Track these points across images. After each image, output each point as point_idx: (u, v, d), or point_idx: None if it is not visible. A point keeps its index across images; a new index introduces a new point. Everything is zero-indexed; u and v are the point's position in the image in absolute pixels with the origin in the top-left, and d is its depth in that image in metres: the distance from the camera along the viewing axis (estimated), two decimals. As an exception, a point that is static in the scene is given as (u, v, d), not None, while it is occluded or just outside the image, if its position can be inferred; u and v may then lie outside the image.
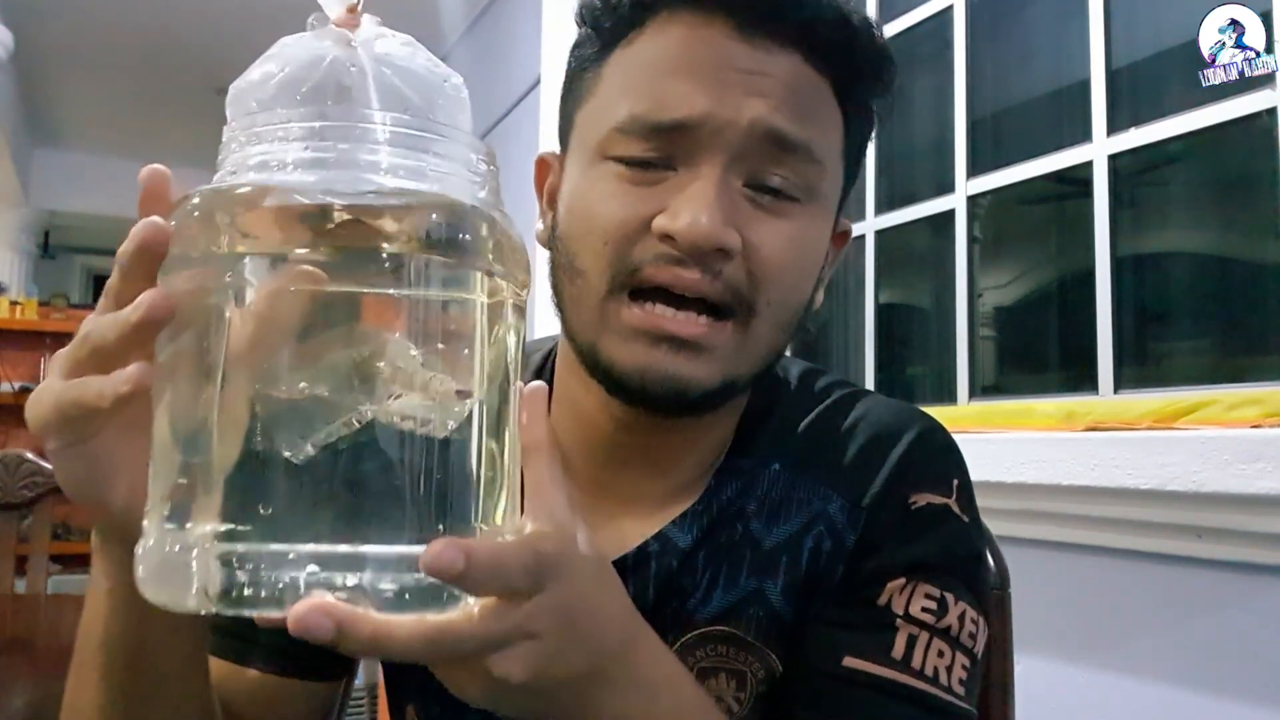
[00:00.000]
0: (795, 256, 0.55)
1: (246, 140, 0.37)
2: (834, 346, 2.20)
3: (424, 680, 0.63)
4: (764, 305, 0.55)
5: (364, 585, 0.34)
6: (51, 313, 4.40)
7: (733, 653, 0.59)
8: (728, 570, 0.60)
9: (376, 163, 0.36)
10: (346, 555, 0.34)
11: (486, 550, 0.35)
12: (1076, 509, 1.31)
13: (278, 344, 0.35)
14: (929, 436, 0.62)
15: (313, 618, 0.33)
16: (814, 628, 0.58)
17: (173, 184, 0.39)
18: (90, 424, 0.39)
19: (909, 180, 2.01)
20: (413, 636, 0.35)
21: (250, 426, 0.35)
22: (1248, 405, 1.19)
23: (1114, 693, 1.28)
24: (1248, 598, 1.14)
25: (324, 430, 0.34)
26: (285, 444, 0.34)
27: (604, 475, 0.62)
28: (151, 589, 0.36)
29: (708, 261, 0.52)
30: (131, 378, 0.36)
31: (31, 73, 4.49)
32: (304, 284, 0.35)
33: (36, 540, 1.75)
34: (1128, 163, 1.49)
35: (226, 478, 0.35)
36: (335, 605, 0.33)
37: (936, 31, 1.89)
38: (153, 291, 0.36)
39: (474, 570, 0.34)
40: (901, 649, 0.55)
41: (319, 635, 0.33)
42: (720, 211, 0.52)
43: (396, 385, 0.35)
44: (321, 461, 0.34)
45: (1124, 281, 1.48)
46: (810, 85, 0.55)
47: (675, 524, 0.60)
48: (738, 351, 0.55)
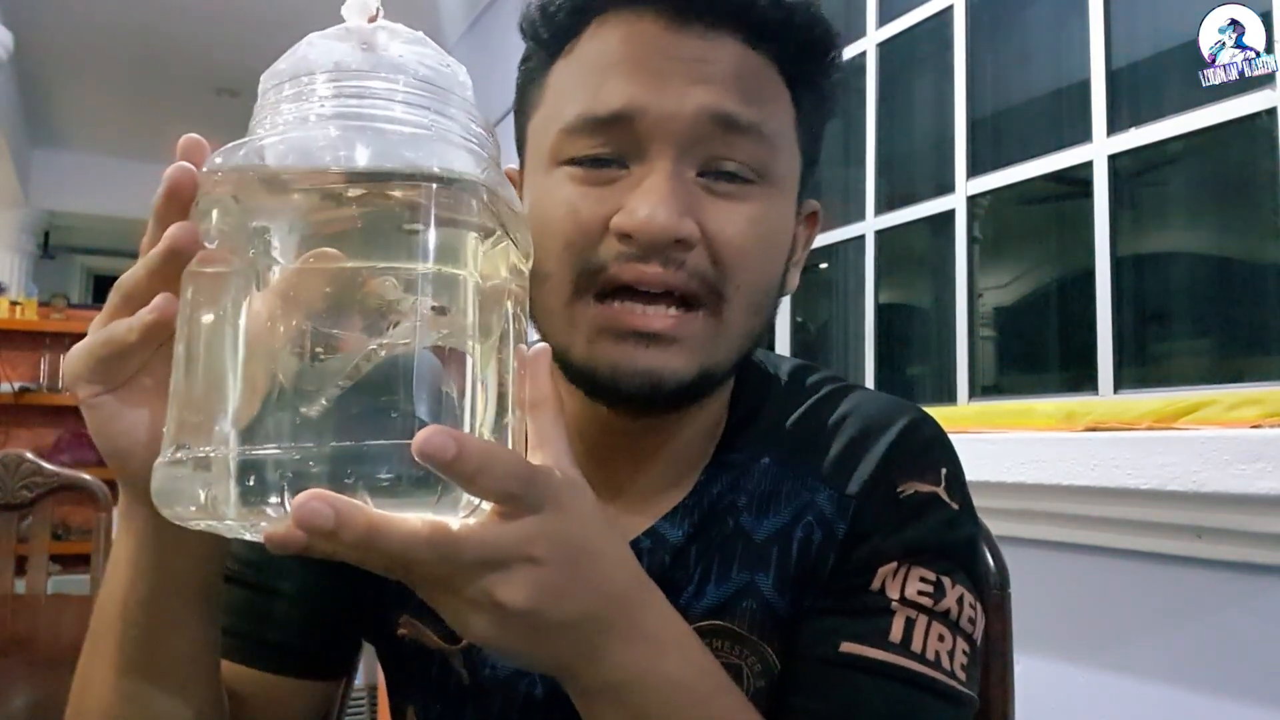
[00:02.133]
0: (758, 238, 0.55)
1: (277, 100, 0.40)
2: (834, 346, 2.20)
3: (424, 680, 0.63)
4: (733, 290, 0.55)
5: (361, 477, 0.35)
6: (51, 313, 4.40)
7: (728, 647, 0.59)
8: (720, 564, 0.60)
9: (392, 117, 0.39)
10: (345, 451, 0.35)
11: (479, 443, 0.36)
12: (1076, 509, 1.31)
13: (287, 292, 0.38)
14: (917, 427, 0.62)
15: (313, 505, 0.33)
16: (809, 617, 0.58)
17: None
18: (121, 365, 0.41)
19: (909, 180, 2.01)
20: (410, 532, 0.36)
21: (260, 360, 0.37)
22: (1248, 405, 1.19)
23: (1114, 693, 1.28)
24: (1248, 598, 1.14)
25: (333, 368, 0.37)
26: (297, 380, 0.37)
27: (591, 471, 0.62)
28: (164, 501, 0.38)
29: (669, 254, 0.53)
30: (157, 306, 0.40)
31: (31, 73, 4.49)
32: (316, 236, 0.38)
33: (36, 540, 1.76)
34: (1128, 163, 1.49)
35: (236, 399, 0.37)
36: (335, 495, 0.34)
37: (936, 31, 1.89)
38: (180, 225, 0.39)
39: (464, 459, 0.35)
40: (900, 633, 0.55)
41: (319, 523, 0.33)
42: (675, 203, 0.52)
43: (392, 315, 0.37)
44: (327, 378, 0.37)
45: (1124, 281, 1.48)
46: (753, 68, 0.55)
47: (666, 519, 0.60)
48: (712, 340, 0.55)
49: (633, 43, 0.54)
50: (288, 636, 0.63)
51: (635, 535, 0.60)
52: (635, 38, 0.54)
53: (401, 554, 0.36)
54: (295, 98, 0.40)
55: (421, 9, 3.53)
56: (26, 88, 4.75)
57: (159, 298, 0.40)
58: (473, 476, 0.36)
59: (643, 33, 0.54)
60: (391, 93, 0.40)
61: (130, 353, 0.41)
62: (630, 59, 0.54)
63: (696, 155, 0.54)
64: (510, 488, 0.38)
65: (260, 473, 0.35)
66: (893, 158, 2.03)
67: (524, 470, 0.39)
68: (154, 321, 0.40)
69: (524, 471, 0.39)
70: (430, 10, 3.57)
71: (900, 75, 2.04)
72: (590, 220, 0.54)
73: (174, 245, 0.39)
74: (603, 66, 0.55)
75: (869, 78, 2.05)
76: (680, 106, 0.53)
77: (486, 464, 0.36)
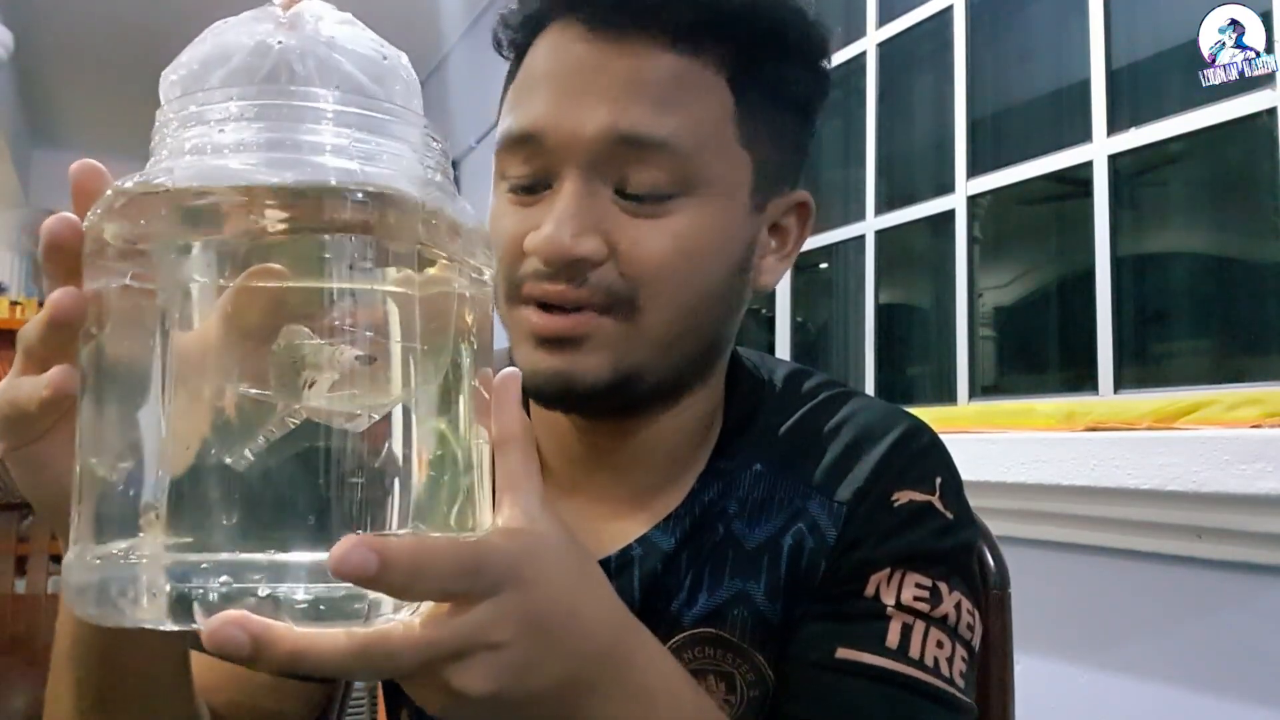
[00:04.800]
0: (679, 251, 0.54)
1: (179, 124, 0.35)
2: (834, 346, 2.20)
3: None
4: (646, 299, 0.54)
5: (277, 596, 0.30)
6: (51, 313, 4.40)
7: (720, 654, 0.58)
8: (711, 571, 0.59)
9: (319, 144, 0.33)
10: (260, 563, 0.31)
11: (407, 548, 0.31)
12: (1076, 509, 1.31)
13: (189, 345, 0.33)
14: (912, 436, 0.61)
15: (226, 631, 0.30)
16: (802, 623, 0.57)
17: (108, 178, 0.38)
18: (30, 427, 0.38)
19: (909, 180, 2.01)
20: (338, 650, 0.32)
21: (160, 435, 0.33)
22: (1248, 405, 1.19)
23: (1114, 693, 1.28)
24: (1248, 598, 1.14)
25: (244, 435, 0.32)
26: (212, 451, 0.32)
27: (577, 477, 0.62)
28: (76, 603, 0.34)
29: (572, 272, 0.53)
30: (51, 382, 0.35)
31: (31, 73, 4.49)
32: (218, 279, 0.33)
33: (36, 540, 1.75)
34: (1128, 163, 1.49)
35: (137, 490, 0.33)
36: (250, 618, 0.30)
37: (936, 31, 1.89)
38: (62, 291, 0.34)
39: (391, 570, 0.30)
40: (896, 638, 0.54)
41: (234, 651, 0.30)
42: (573, 224, 0.52)
43: (307, 372, 0.32)
44: (234, 465, 0.32)
45: (1124, 281, 1.48)
46: (669, 72, 0.53)
47: (659, 528, 0.60)
48: (626, 341, 0.54)
49: (554, 57, 0.55)
50: None
51: (627, 542, 0.60)
52: (558, 51, 0.54)
53: (332, 672, 0.33)
54: (199, 119, 0.34)
55: (421, 9, 3.53)
56: (26, 88, 4.75)
57: (54, 373, 0.35)
58: (406, 587, 0.32)
59: (565, 46, 0.54)
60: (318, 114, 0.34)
61: (35, 419, 0.37)
62: (549, 75, 0.54)
63: (608, 173, 0.53)
64: (453, 586, 0.34)
65: (174, 583, 0.31)
66: (893, 158, 2.03)
67: (468, 562, 0.34)
68: (50, 398, 0.36)
69: (468, 563, 0.34)
70: (430, 10, 3.57)
71: (900, 75, 2.04)
72: (513, 238, 0.55)
73: (55, 315, 0.35)
74: (531, 83, 0.55)
75: (869, 78, 2.05)
76: (582, 127, 0.52)
77: (419, 569, 0.32)
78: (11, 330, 4.12)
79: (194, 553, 0.31)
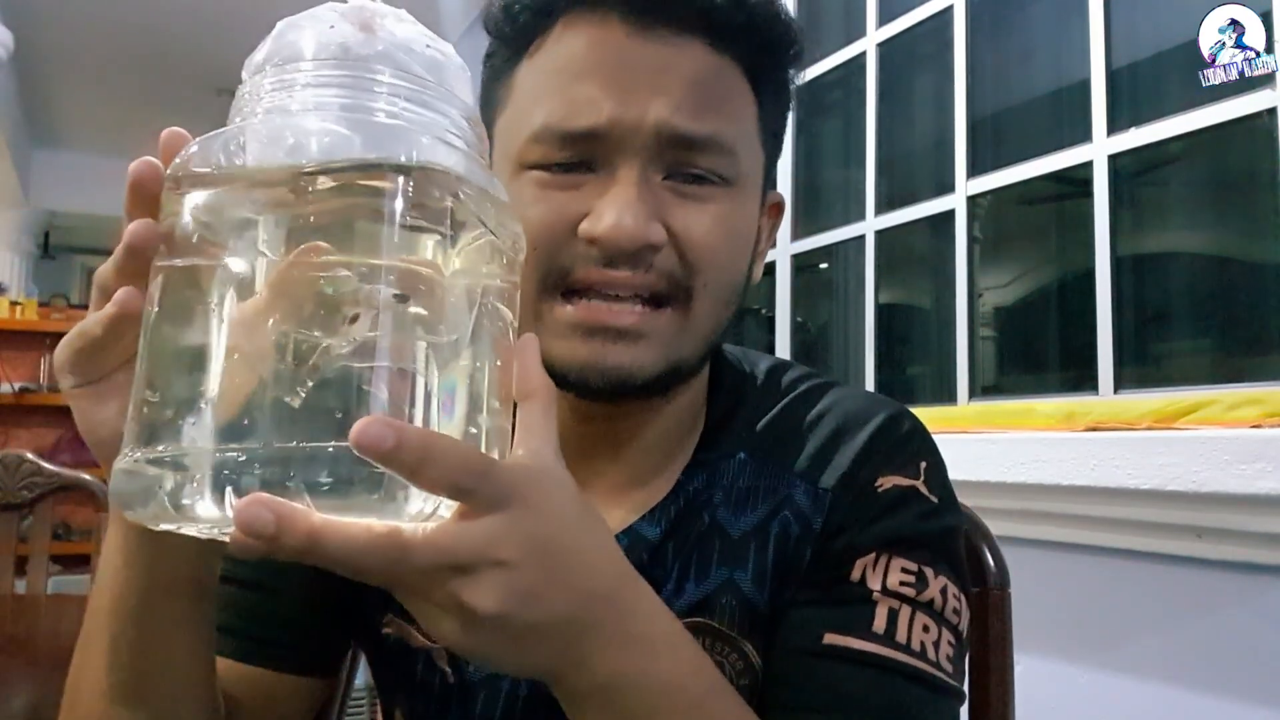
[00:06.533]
0: (724, 236, 0.56)
1: (253, 92, 0.40)
2: (834, 346, 2.20)
3: (410, 680, 0.63)
4: (701, 287, 0.55)
5: (303, 479, 0.33)
6: (51, 313, 4.40)
7: (709, 644, 0.59)
8: (698, 561, 0.60)
9: (374, 108, 0.38)
10: (289, 453, 0.34)
11: (422, 433, 0.34)
12: (1076, 509, 1.31)
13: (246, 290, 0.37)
14: (895, 422, 0.62)
15: (253, 510, 0.32)
16: (789, 610, 0.58)
17: None
18: (96, 358, 0.41)
19: (909, 180, 2.01)
20: (356, 538, 0.34)
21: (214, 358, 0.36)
22: (1248, 405, 1.19)
23: (1114, 693, 1.28)
24: (1248, 598, 1.14)
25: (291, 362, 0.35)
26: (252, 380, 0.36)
27: (570, 464, 0.63)
28: (122, 502, 0.37)
29: (637, 258, 0.54)
30: (118, 300, 0.39)
31: (31, 73, 4.49)
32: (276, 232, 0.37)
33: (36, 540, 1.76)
34: (1128, 163, 1.49)
35: (190, 398, 0.36)
36: (275, 500, 0.33)
37: (936, 31, 1.89)
38: (140, 222, 0.39)
39: (404, 449, 0.32)
40: (883, 623, 0.54)
41: (259, 528, 0.32)
42: (642, 209, 0.53)
43: (348, 307, 0.36)
44: (281, 378, 0.35)
45: (1124, 281, 1.48)
46: (715, 73, 0.55)
47: (645, 519, 0.60)
48: (679, 335, 0.56)
49: (598, 50, 0.55)
50: (282, 632, 0.63)
51: (613, 534, 0.60)
52: (601, 44, 0.55)
53: (346, 560, 0.34)
54: (277, 86, 0.39)
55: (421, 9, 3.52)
56: (26, 88, 4.75)
57: (121, 292, 0.39)
58: (416, 468, 0.34)
59: (607, 38, 0.54)
60: (373, 84, 0.39)
61: (101, 346, 0.41)
62: (598, 69, 0.54)
63: (662, 161, 0.55)
64: (461, 481, 0.35)
65: (212, 475, 0.34)
66: (893, 158, 2.03)
67: (477, 463, 0.36)
68: (116, 314, 0.40)
69: (477, 464, 0.36)
70: (430, 10, 3.57)
71: (900, 75, 2.04)
72: (557, 224, 0.54)
73: (131, 242, 0.39)
74: (571, 75, 0.55)
75: (869, 78, 2.05)
76: (642, 120, 0.53)
77: (430, 454, 0.34)
78: (11, 330, 4.12)
79: (234, 445, 0.34)
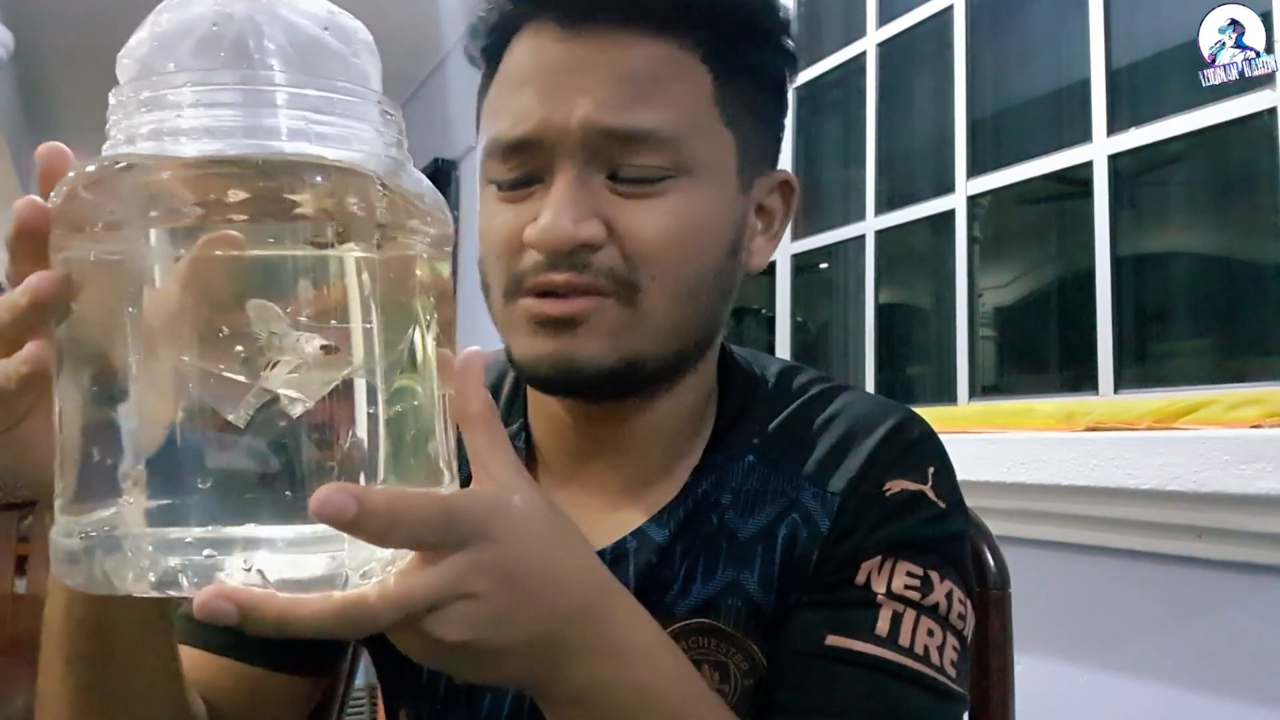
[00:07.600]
0: (678, 229, 0.55)
1: (135, 107, 0.36)
2: (834, 346, 2.20)
3: (414, 682, 0.63)
4: (648, 280, 0.55)
5: (260, 568, 0.33)
6: (51, 313, 4.40)
7: (714, 645, 0.59)
8: (705, 562, 0.60)
9: (275, 128, 0.35)
10: (239, 538, 0.33)
11: (384, 495, 0.34)
12: (1076, 509, 1.31)
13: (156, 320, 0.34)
14: (905, 426, 0.62)
15: (215, 604, 0.33)
16: (794, 612, 0.58)
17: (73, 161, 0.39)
18: (10, 407, 0.39)
19: (909, 180, 2.01)
20: (321, 613, 0.35)
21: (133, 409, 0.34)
22: (1248, 405, 1.19)
23: (1114, 693, 1.28)
24: (1248, 598, 1.14)
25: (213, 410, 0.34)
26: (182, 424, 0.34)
27: (573, 468, 0.63)
28: (66, 574, 0.35)
29: (573, 259, 0.54)
30: (30, 357, 0.37)
31: (31, 73, 4.49)
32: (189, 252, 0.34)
33: (36, 540, 1.76)
34: (1128, 163, 1.49)
35: (115, 460, 0.34)
36: (236, 590, 0.33)
37: (936, 31, 1.89)
38: (39, 274, 0.36)
39: (369, 517, 0.33)
40: (886, 626, 0.54)
41: (224, 621, 0.33)
42: (571, 211, 0.53)
43: (270, 353, 0.33)
44: (211, 442, 0.34)
45: (1124, 281, 1.48)
46: (655, 62, 0.55)
47: (653, 520, 0.60)
48: (629, 326, 0.55)
49: (533, 58, 0.55)
50: None
51: (622, 535, 0.60)
52: (536, 52, 0.55)
53: (317, 632, 0.35)
54: (153, 104, 0.35)
55: (421, 9, 3.53)
56: (26, 88, 4.75)
57: (31, 348, 0.37)
58: (384, 533, 0.34)
59: (542, 46, 0.55)
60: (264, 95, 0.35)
61: (15, 398, 0.38)
62: (531, 76, 0.55)
63: (600, 162, 0.55)
64: (426, 536, 0.36)
65: (156, 558, 0.33)
66: (893, 158, 2.03)
67: (439, 514, 0.36)
68: (30, 373, 0.37)
69: (439, 516, 0.36)
70: (430, 10, 3.57)
71: (900, 75, 2.04)
72: (510, 234, 0.56)
73: (35, 299, 0.36)
74: (513, 86, 0.56)
75: (869, 78, 2.05)
76: (568, 122, 0.53)
77: (395, 516, 0.34)
78: (11, 330, 4.13)
79: (175, 526, 0.33)
